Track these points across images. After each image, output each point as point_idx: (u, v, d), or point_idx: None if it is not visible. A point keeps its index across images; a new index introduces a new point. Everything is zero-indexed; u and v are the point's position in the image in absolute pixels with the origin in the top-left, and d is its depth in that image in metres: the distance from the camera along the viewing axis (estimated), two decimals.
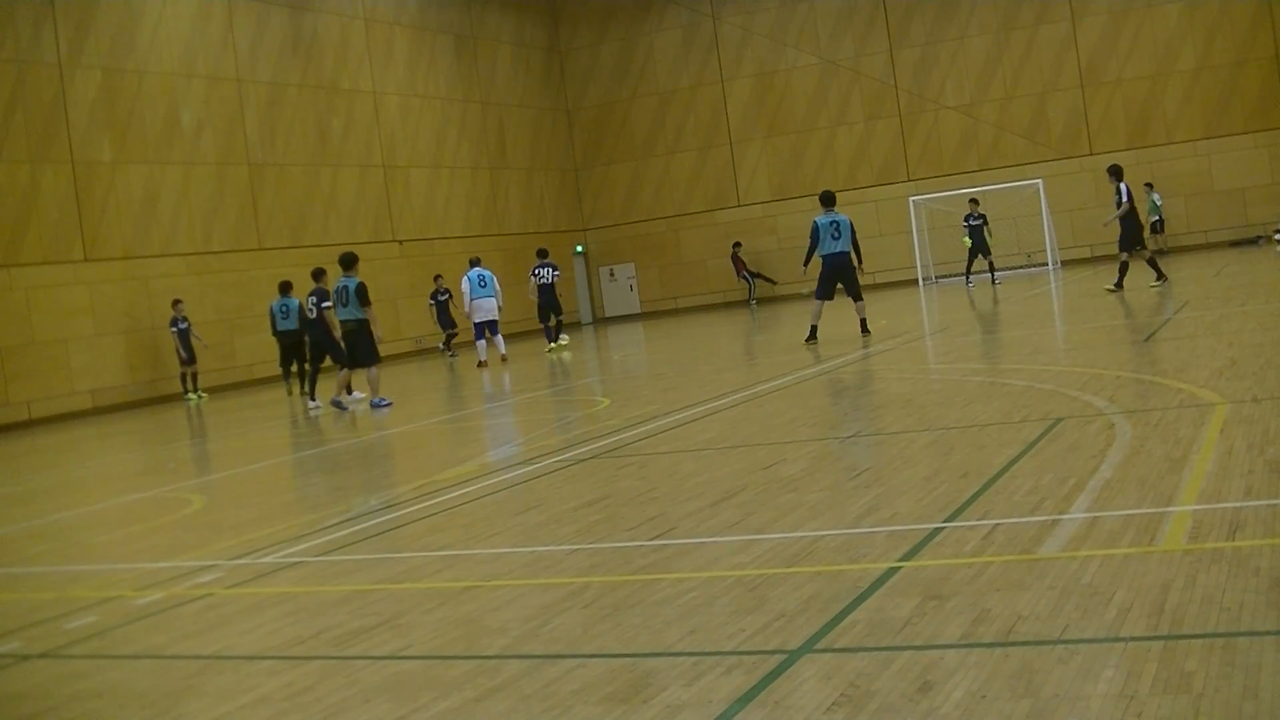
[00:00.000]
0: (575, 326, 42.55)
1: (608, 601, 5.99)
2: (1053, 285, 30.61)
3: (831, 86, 42.24)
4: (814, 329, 20.55)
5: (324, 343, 21.38)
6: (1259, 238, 36.06)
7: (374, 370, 19.12)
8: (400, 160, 37.24)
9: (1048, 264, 37.63)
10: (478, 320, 26.23)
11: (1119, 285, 23.42)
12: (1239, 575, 5.13)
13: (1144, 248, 24.42)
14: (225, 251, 30.99)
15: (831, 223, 20.25)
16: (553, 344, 28.49)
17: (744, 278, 42.42)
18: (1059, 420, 9.63)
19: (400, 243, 36.67)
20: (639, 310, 45.07)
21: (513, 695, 4.81)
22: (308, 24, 34.42)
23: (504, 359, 26.49)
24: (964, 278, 34.69)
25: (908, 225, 39.54)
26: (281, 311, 25.05)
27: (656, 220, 44.49)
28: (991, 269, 34.03)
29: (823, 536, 6.80)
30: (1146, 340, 14.83)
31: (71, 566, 9.22)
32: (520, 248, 40.35)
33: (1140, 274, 25.16)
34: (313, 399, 21.38)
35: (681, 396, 15.56)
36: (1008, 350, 16.70)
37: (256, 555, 8.40)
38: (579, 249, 45.04)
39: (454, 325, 32.18)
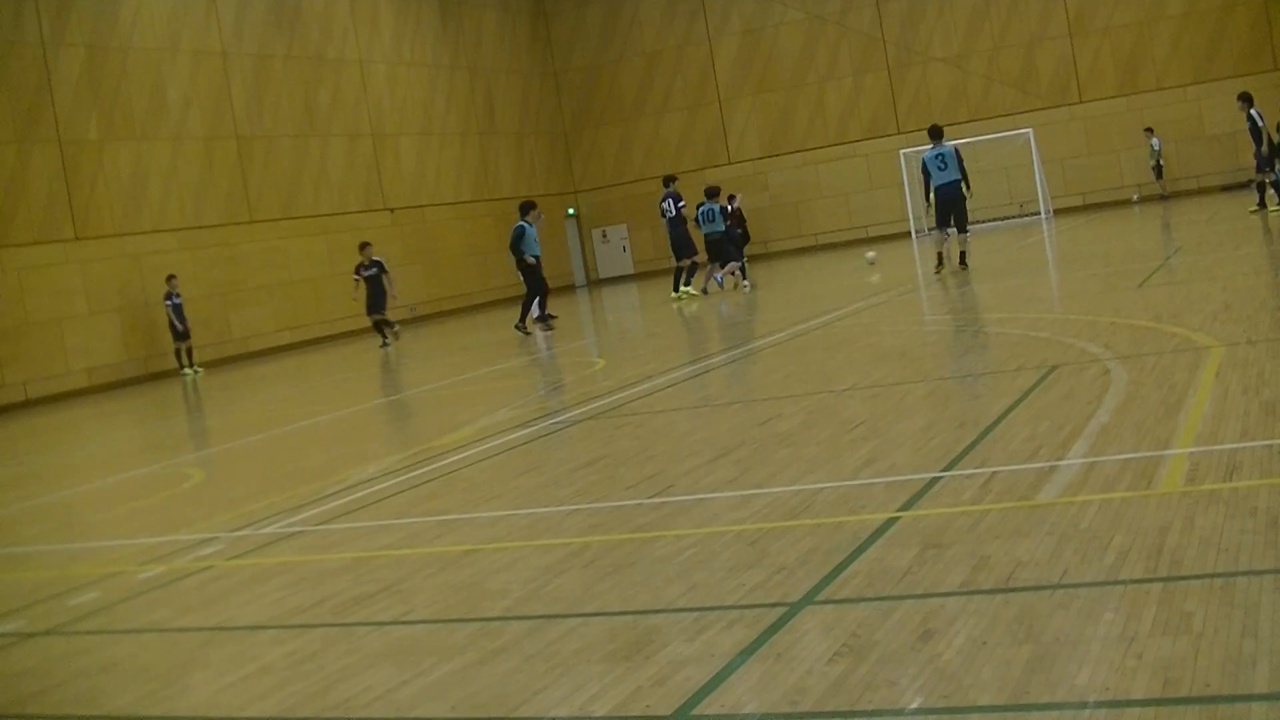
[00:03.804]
0: (569, 289, 42.52)
1: (608, 561, 6.01)
2: (1046, 234, 30.58)
3: (819, 42, 42.06)
4: (940, 257, 21.67)
5: (676, 237, 26.64)
6: (1250, 182, 35.95)
7: (733, 264, 26.18)
8: (389, 129, 37.10)
9: (1040, 213, 37.59)
10: None
11: (1261, 205, 24.82)
12: (1236, 516, 5.14)
13: (1272, 170, 25.08)
14: (216, 226, 30.89)
15: (937, 155, 21.35)
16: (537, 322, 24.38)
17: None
18: (1054, 368, 9.64)
19: (391, 211, 36.57)
20: (632, 271, 44.99)
21: (515, 656, 4.82)
22: None
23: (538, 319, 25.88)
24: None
25: (899, 178, 39.45)
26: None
27: (648, 181, 44.31)
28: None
29: (821, 489, 6.81)
30: (1140, 286, 14.83)
31: (72, 544, 9.24)
32: (512, 212, 40.14)
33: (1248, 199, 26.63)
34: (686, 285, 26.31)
35: (677, 355, 15.56)
36: (1002, 300, 16.69)
37: (257, 526, 8.41)
38: (571, 211, 44.95)
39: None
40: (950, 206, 21.32)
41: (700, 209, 26.27)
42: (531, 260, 23.49)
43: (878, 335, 14.57)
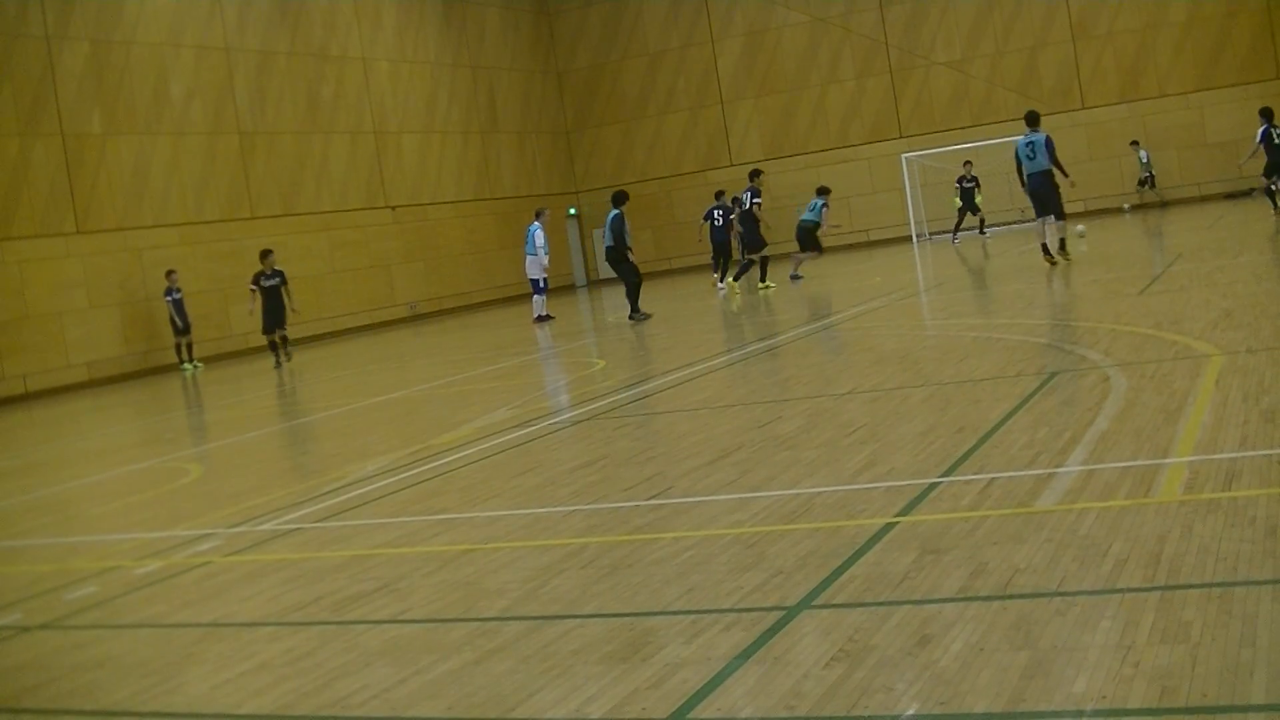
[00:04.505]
0: (570, 289, 42.53)
1: (606, 561, 6.00)
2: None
3: (822, 44, 42.05)
4: (1062, 242, 21.27)
5: (748, 232, 26.86)
6: (1252, 190, 35.95)
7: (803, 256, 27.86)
8: (391, 126, 37.09)
9: None
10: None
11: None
12: (1235, 525, 5.13)
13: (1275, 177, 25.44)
14: (217, 221, 30.88)
15: (1027, 143, 20.70)
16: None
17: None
18: (1054, 374, 9.64)
19: (393, 209, 36.57)
20: None
21: (512, 656, 4.82)
22: None
23: (538, 319, 26.36)
24: (952, 235, 35.43)
25: (900, 182, 39.47)
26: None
27: (649, 181, 44.35)
28: (981, 225, 34.91)
29: (820, 493, 6.81)
30: (1141, 293, 14.82)
31: (71, 538, 9.23)
32: (513, 211, 40.28)
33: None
34: (721, 280, 26.87)
35: (677, 357, 15.55)
36: (1002, 305, 16.69)
37: (254, 523, 8.40)
38: (572, 211, 44.96)
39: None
40: (1040, 195, 20.86)
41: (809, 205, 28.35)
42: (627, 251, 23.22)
43: (878, 339, 14.56)
